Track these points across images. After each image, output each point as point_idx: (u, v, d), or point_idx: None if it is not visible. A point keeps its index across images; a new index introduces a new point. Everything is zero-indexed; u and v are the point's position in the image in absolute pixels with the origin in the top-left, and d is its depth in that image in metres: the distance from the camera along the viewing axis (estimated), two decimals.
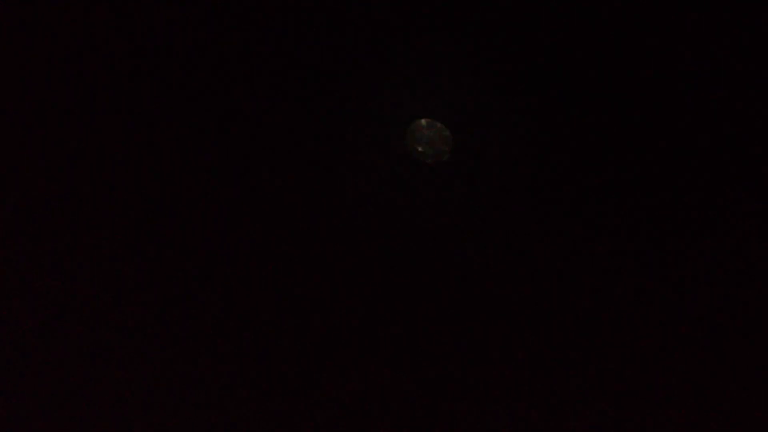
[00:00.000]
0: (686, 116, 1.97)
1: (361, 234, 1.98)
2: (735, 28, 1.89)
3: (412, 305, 1.97)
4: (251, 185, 1.97)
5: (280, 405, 1.95)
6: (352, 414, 1.95)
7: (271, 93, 1.97)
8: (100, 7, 1.96)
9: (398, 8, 1.94)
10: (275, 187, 1.97)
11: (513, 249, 1.98)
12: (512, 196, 1.97)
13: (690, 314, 1.97)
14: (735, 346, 1.96)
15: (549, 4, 1.93)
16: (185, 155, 1.96)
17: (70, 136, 1.96)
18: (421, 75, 1.96)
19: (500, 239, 1.98)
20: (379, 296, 1.97)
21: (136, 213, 1.96)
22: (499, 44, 1.96)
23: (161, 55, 1.95)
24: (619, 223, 1.98)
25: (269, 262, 1.97)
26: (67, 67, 1.96)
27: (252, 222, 1.97)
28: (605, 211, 1.98)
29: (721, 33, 1.91)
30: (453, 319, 1.97)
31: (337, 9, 1.94)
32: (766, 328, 1.96)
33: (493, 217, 1.98)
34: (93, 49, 1.96)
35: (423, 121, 1.97)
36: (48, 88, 1.96)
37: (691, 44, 1.94)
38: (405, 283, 1.98)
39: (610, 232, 1.98)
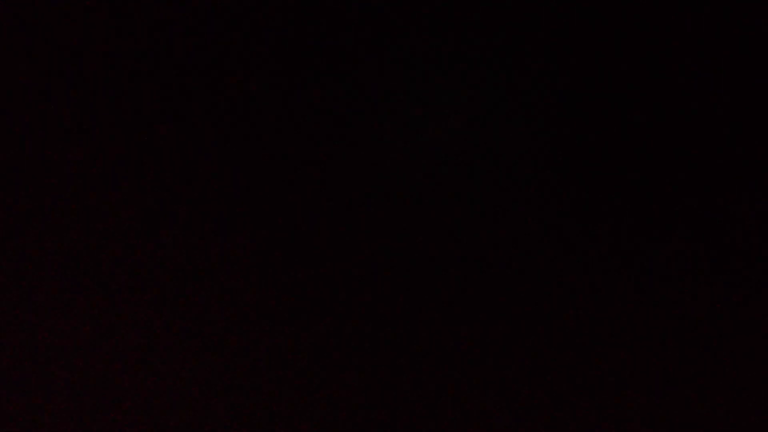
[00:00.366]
0: (703, 114, 1.97)
1: (374, 226, 1.97)
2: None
3: (421, 301, 1.97)
4: (259, 182, 1.96)
5: (281, 405, 1.95)
6: (354, 414, 1.94)
7: (282, 86, 1.97)
8: (100, 6, 1.97)
9: None
10: (286, 182, 1.97)
11: (528, 243, 1.98)
12: (529, 188, 1.97)
13: (691, 314, 1.97)
14: (735, 347, 1.96)
15: None
16: (206, 151, 1.96)
17: (70, 135, 1.97)
18: (436, 65, 1.96)
19: (515, 233, 1.98)
20: (387, 291, 1.96)
21: (149, 211, 1.96)
22: (517, 36, 1.96)
23: (166, 51, 1.96)
24: (634, 218, 1.97)
25: (280, 257, 1.96)
26: (67, 68, 1.97)
27: (262, 217, 1.96)
28: (623, 207, 1.97)
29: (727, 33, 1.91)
30: (465, 313, 1.96)
31: None
32: (766, 328, 1.96)
33: (509, 209, 1.97)
34: (92, 50, 1.97)
35: (439, 112, 1.97)
36: (48, 88, 1.97)
37: (698, 43, 1.94)
38: (417, 277, 1.97)
39: (628, 227, 1.97)
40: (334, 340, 1.97)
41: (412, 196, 1.99)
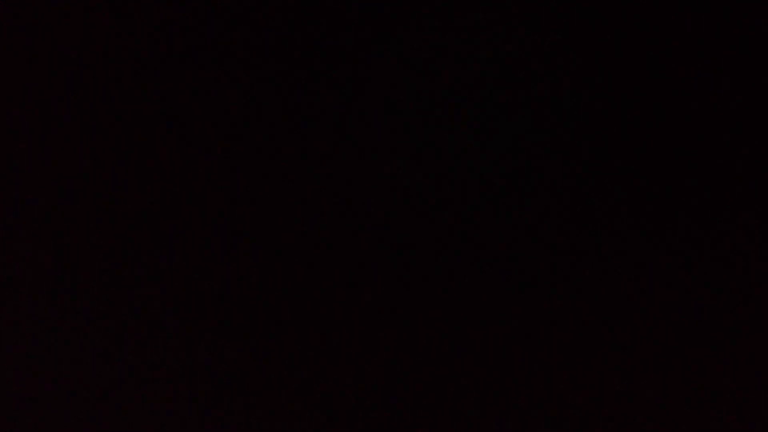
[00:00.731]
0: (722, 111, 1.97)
1: (387, 216, 1.97)
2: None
3: (439, 289, 1.96)
4: (275, 169, 1.96)
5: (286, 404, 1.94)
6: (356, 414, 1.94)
7: (298, 73, 1.97)
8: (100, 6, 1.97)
9: None
10: (302, 171, 1.96)
11: (548, 232, 1.97)
12: (548, 177, 1.97)
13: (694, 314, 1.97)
14: (736, 348, 1.96)
15: None
16: (205, 151, 1.96)
17: (71, 136, 1.97)
18: (452, 55, 1.96)
19: (535, 222, 1.97)
20: (404, 280, 1.96)
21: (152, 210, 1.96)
22: (539, 25, 1.95)
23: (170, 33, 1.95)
24: (634, 218, 1.97)
25: (294, 248, 1.95)
26: (67, 68, 1.97)
27: (275, 207, 1.96)
28: (623, 207, 1.97)
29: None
30: (483, 304, 1.96)
31: None
32: (766, 329, 1.96)
33: (528, 198, 1.97)
34: (93, 50, 1.97)
35: (438, 110, 1.96)
36: (48, 88, 1.97)
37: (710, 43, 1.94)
38: (435, 263, 1.96)
39: (651, 222, 1.96)
40: (333, 340, 1.97)
41: (411, 196, 1.99)
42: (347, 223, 1.99)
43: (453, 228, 2.00)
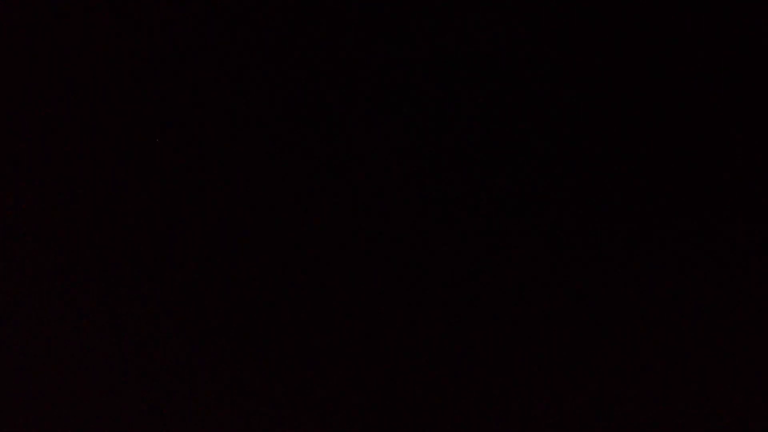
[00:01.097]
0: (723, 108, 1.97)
1: (386, 216, 1.97)
2: None
3: (434, 292, 1.96)
4: (279, 169, 1.96)
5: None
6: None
7: (302, 78, 1.97)
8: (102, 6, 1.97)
9: None
10: (309, 171, 1.96)
11: (550, 230, 1.97)
12: (550, 175, 1.97)
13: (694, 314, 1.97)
14: (736, 349, 1.96)
15: None
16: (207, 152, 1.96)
17: (73, 136, 1.97)
18: (435, 66, 1.96)
19: (538, 220, 1.97)
20: (402, 282, 1.95)
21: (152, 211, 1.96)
22: (538, 24, 1.96)
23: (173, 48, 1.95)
24: (635, 218, 1.97)
25: (298, 243, 1.95)
26: (69, 68, 1.97)
27: (278, 207, 1.96)
28: (643, 200, 1.97)
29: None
30: (482, 303, 1.95)
31: None
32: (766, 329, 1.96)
33: (528, 198, 1.97)
34: (95, 50, 1.97)
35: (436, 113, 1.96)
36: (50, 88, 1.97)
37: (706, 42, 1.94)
38: (435, 263, 1.96)
39: (649, 222, 1.96)
40: (333, 341, 1.97)
41: (410, 196, 1.99)
42: (347, 223, 1.98)
43: (452, 228, 2.00)
